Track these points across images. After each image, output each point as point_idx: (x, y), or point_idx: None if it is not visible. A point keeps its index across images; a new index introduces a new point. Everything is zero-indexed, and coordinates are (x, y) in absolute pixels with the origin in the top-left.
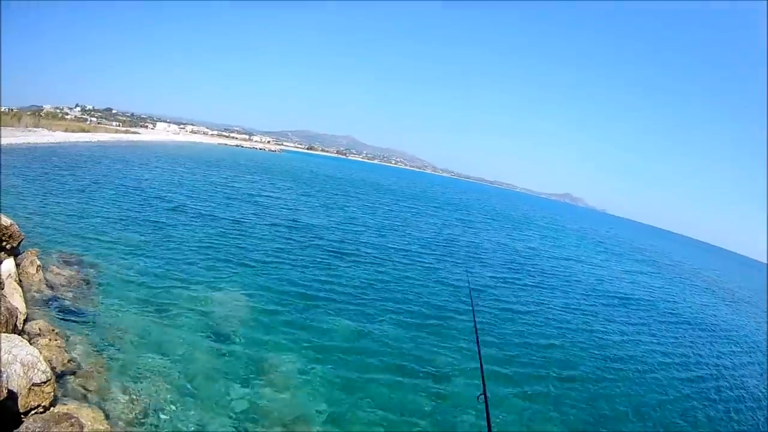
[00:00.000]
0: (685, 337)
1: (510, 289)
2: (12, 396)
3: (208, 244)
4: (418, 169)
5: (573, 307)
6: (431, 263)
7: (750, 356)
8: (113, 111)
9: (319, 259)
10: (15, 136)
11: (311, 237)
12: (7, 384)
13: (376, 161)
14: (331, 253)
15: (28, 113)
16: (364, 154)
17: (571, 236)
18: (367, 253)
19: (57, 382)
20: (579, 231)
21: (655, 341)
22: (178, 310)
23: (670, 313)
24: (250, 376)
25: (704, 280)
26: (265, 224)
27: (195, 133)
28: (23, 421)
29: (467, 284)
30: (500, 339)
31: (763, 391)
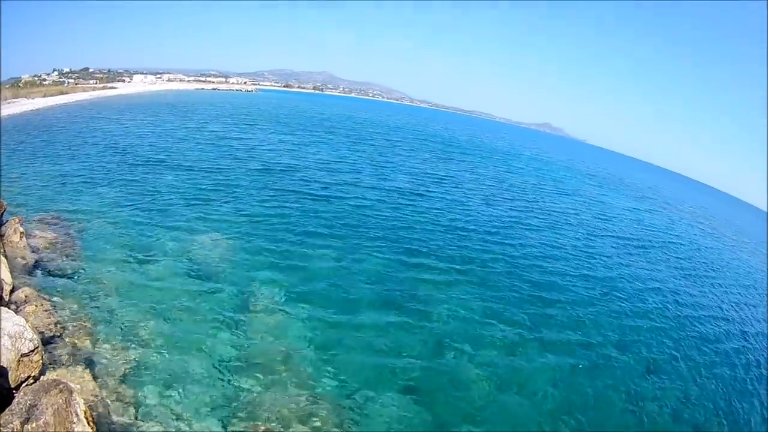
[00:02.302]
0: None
1: (513, 229)
2: (2, 372)
3: (185, 191)
4: (395, 101)
5: (582, 249)
6: (417, 201)
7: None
8: (90, 70)
9: (298, 198)
10: None
11: (289, 177)
12: None
13: (353, 95)
14: (310, 192)
15: (7, 86)
16: (341, 89)
17: (562, 169)
18: (349, 190)
19: (45, 348)
20: (568, 163)
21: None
22: (160, 258)
23: (680, 257)
24: (236, 317)
25: (699, 218)
26: (241, 166)
27: (171, 81)
28: (14, 397)
29: (461, 222)
30: (507, 279)
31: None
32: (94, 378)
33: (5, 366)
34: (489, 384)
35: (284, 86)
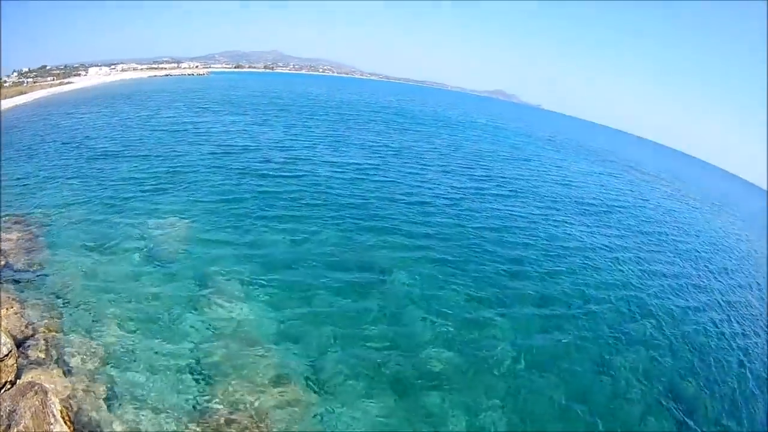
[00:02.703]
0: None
1: (473, 198)
2: None
3: (142, 179)
4: (345, 75)
5: (545, 215)
6: (374, 174)
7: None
8: (47, 67)
9: (253, 179)
10: None
11: (243, 158)
12: None
13: (303, 71)
14: (265, 171)
15: None
16: (291, 66)
17: (518, 135)
18: (304, 167)
19: (19, 351)
20: (524, 129)
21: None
22: (123, 248)
23: (648, 218)
24: (199, 297)
25: (662, 181)
26: (196, 150)
27: (125, 71)
28: None
29: (414, 191)
30: (466, 250)
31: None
32: (67, 375)
33: None
34: (447, 347)
35: (235, 67)
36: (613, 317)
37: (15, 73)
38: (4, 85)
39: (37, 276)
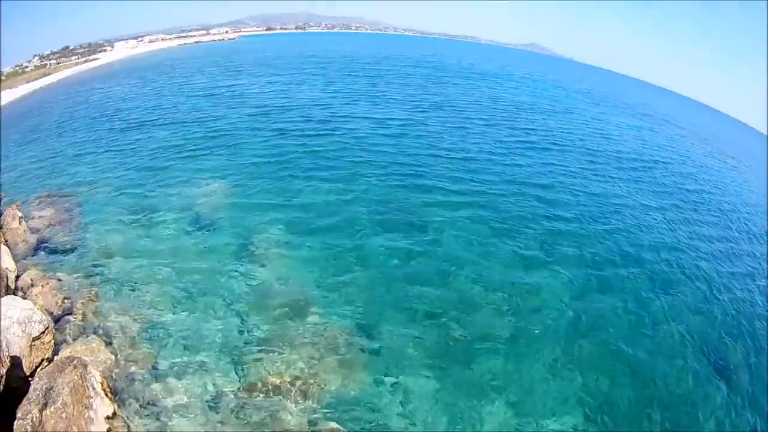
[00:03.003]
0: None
1: (517, 151)
2: (16, 362)
3: (179, 145)
4: (378, 32)
5: (589, 168)
6: (417, 128)
7: None
8: (70, 47)
9: (294, 137)
10: None
11: (283, 118)
12: (8, 351)
13: (336, 30)
14: (306, 129)
15: None
16: (323, 25)
17: (556, 88)
18: (345, 124)
19: (56, 326)
20: (560, 82)
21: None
22: (162, 215)
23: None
24: (243, 264)
25: (699, 137)
26: (233, 113)
27: (153, 42)
28: (30, 384)
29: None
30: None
31: None
32: (108, 346)
33: (18, 355)
34: (500, 303)
35: (266, 30)
36: (664, 279)
37: (36, 57)
38: (26, 70)
39: (74, 251)
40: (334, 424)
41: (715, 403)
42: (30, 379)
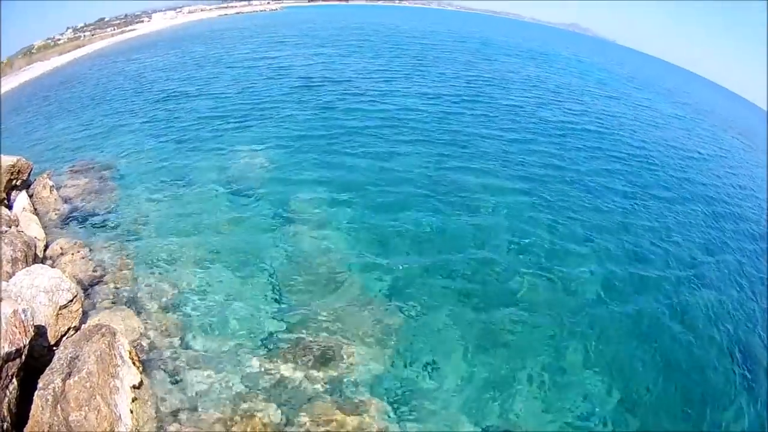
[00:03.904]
0: None
1: (570, 134)
2: (41, 332)
3: (216, 116)
4: (423, 6)
5: (640, 157)
6: (468, 105)
7: None
8: (106, 19)
9: (338, 109)
10: (9, 83)
11: (326, 90)
12: (33, 320)
13: (380, 2)
14: (351, 102)
15: (20, 57)
16: None
17: (601, 71)
18: (393, 98)
19: (85, 295)
20: (605, 65)
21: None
22: (197, 182)
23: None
24: (280, 234)
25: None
26: (274, 84)
27: (192, 12)
28: (54, 353)
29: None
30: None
31: None
32: (139, 315)
33: (43, 324)
34: (538, 284)
35: (309, 1)
36: (716, 289)
37: (69, 30)
38: (58, 42)
39: (107, 219)
40: (367, 397)
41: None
42: (54, 348)
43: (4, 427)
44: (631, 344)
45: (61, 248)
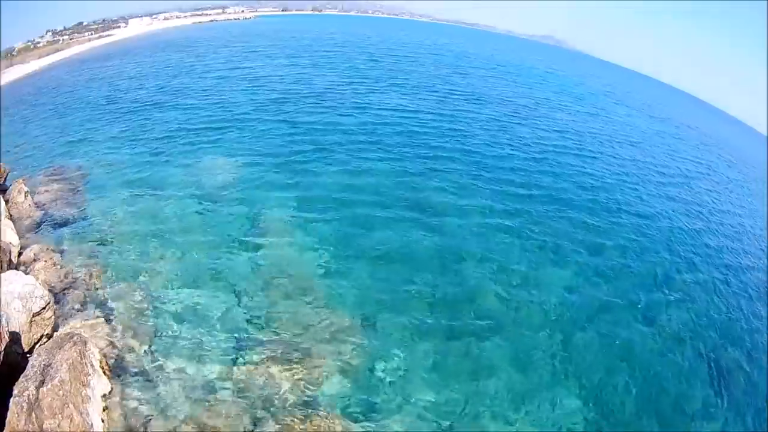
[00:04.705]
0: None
1: (547, 153)
2: (15, 338)
3: (187, 124)
4: (395, 16)
5: (620, 178)
6: (443, 120)
7: None
8: (84, 23)
9: (296, 113)
10: None
11: (296, 99)
12: (8, 326)
13: (352, 13)
14: (320, 111)
15: (2, 59)
16: (340, 8)
17: (578, 85)
18: (366, 109)
19: (57, 302)
20: (581, 78)
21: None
22: (168, 190)
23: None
24: (248, 241)
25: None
26: (245, 94)
27: (168, 19)
28: (28, 361)
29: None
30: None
31: None
32: (109, 323)
33: (17, 331)
34: (504, 295)
35: (282, 10)
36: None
37: (49, 33)
38: (38, 45)
39: (78, 226)
40: (329, 409)
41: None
42: (28, 355)
43: None
44: (602, 364)
45: (34, 254)
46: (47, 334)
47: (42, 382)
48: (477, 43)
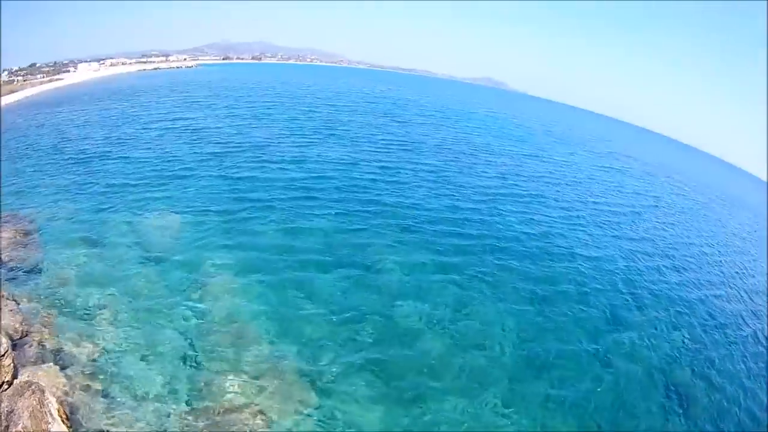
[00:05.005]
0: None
1: (491, 201)
2: None
3: (131, 176)
4: (333, 64)
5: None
6: (382, 172)
7: None
8: (37, 65)
9: (238, 167)
10: None
11: (234, 152)
12: None
13: (291, 61)
14: (258, 165)
15: None
16: (279, 56)
17: (519, 127)
18: (302, 161)
19: (14, 349)
20: (522, 120)
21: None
22: (115, 239)
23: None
24: (192, 290)
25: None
26: (185, 146)
27: (114, 65)
28: None
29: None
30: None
31: None
32: (64, 372)
33: None
34: (444, 339)
35: (223, 59)
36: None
37: (5, 72)
38: None
39: (31, 273)
40: None
41: None
42: None
43: None
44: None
45: None
46: (8, 380)
47: (7, 428)
48: (415, 89)
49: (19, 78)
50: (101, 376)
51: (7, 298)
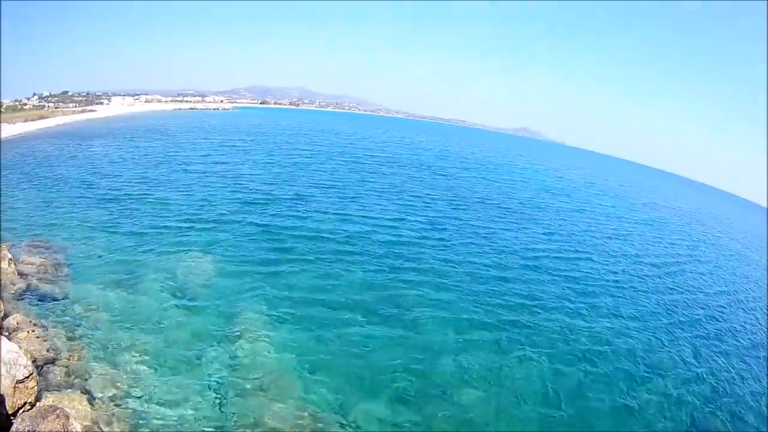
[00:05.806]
0: None
1: (538, 259)
2: (0, 400)
3: (169, 212)
4: (371, 113)
5: (612, 281)
6: (429, 231)
7: None
8: (69, 93)
9: (278, 216)
10: None
11: (273, 199)
12: None
13: (329, 108)
14: (295, 214)
15: None
16: (317, 103)
17: (560, 180)
18: (345, 213)
19: (39, 373)
20: (562, 172)
21: None
22: (147, 280)
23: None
24: (224, 333)
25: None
26: (224, 189)
27: (149, 102)
28: (13, 422)
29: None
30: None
31: None
32: (89, 402)
33: (2, 393)
34: (478, 388)
35: (261, 103)
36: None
37: (35, 97)
38: (24, 107)
39: (61, 302)
40: None
41: None
42: (12, 418)
43: None
44: None
45: (17, 323)
46: (30, 402)
47: None
48: (456, 140)
49: (50, 105)
50: (127, 412)
51: (35, 324)
